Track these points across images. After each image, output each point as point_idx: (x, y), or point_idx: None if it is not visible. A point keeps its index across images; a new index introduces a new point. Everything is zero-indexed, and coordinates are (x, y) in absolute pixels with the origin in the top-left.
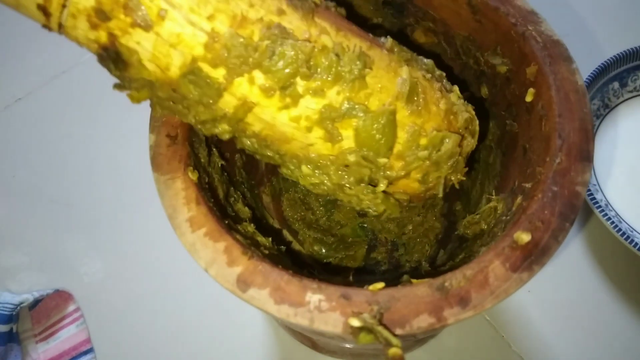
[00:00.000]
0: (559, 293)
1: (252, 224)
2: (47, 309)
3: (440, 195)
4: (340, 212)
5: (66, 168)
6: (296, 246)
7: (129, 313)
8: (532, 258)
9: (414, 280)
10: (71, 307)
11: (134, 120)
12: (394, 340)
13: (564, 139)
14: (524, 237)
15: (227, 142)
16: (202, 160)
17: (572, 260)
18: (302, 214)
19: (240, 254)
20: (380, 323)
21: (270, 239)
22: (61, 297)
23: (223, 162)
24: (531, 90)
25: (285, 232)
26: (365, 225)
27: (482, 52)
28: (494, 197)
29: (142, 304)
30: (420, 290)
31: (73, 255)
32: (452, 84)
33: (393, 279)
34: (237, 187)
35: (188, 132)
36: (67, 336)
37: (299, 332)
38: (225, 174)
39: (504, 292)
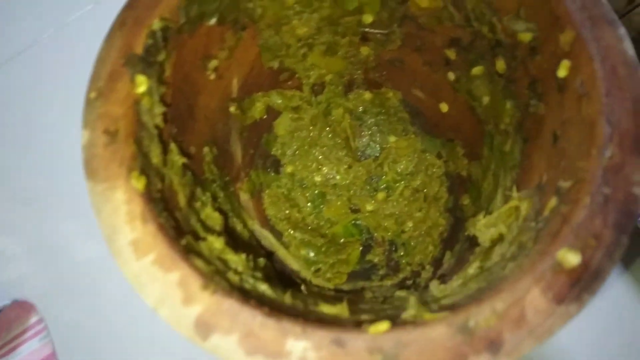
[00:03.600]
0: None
1: (220, 237)
2: (7, 321)
3: None
4: (330, 208)
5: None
6: (280, 251)
7: (99, 323)
8: (581, 284)
9: (426, 316)
10: (33, 319)
11: None
12: None
13: (614, 125)
14: (572, 259)
15: (191, 133)
16: (155, 160)
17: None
18: (287, 212)
19: (199, 288)
20: None
21: (243, 255)
22: (22, 308)
23: (185, 160)
24: (565, 63)
25: (267, 234)
26: (359, 223)
27: (500, 17)
28: (514, 194)
29: (114, 311)
30: (437, 332)
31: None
32: (462, 57)
33: (393, 287)
34: (206, 187)
35: (134, 126)
36: (29, 351)
37: None
38: (189, 173)
39: (547, 332)
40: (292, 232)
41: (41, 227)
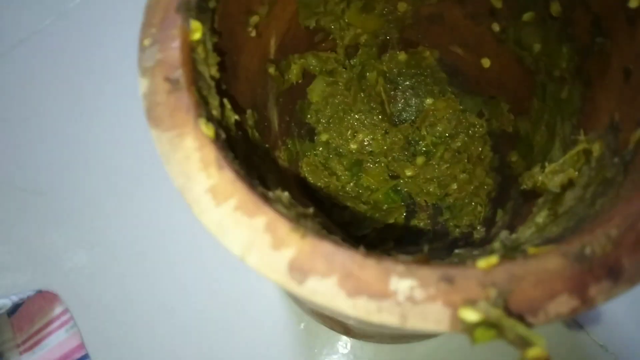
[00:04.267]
0: None
1: (285, 191)
2: (30, 314)
3: None
4: (369, 175)
5: (35, 152)
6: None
7: (125, 311)
8: None
9: (531, 249)
10: (58, 310)
11: (110, 91)
12: (536, 338)
13: None
14: None
15: (235, 94)
16: (214, 112)
17: None
18: (326, 180)
19: (288, 231)
20: (508, 312)
21: (311, 208)
22: (45, 299)
23: (237, 117)
24: None
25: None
26: (399, 189)
27: None
28: (581, 137)
29: (139, 299)
30: (552, 262)
31: (54, 251)
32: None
33: (443, 249)
34: (253, 149)
35: (193, 74)
36: (56, 343)
37: (327, 317)
38: (240, 132)
39: None
40: (333, 199)
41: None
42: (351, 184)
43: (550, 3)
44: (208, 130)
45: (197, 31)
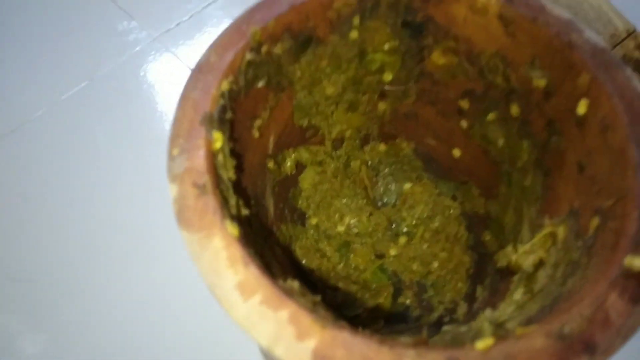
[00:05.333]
0: None
1: (295, 280)
2: None
3: None
4: (356, 255)
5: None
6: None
7: None
8: None
9: (518, 330)
10: None
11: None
12: None
13: None
14: (638, 263)
15: (244, 187)
16: (233, 210)
17: None
18: (318, 262)
19: (310, 322)
20: None
21: (319, 296)
22: None
23: (248, 212)
24: (584, 101)
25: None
26: (385, 267)
27: (514, 68)
28: (547, 221)
29: None
30: (539, 341)
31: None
32: (475, 107)
33: (432, 326)
34: (257, 238)
35: (216, 178)
36: None
37: None
38: (249, 225)
39: (630, 330)
40: (325, 281)
41: None
42: (341, 264)
43: (510, 106)
44: (233, 229)
45: (218, 140)
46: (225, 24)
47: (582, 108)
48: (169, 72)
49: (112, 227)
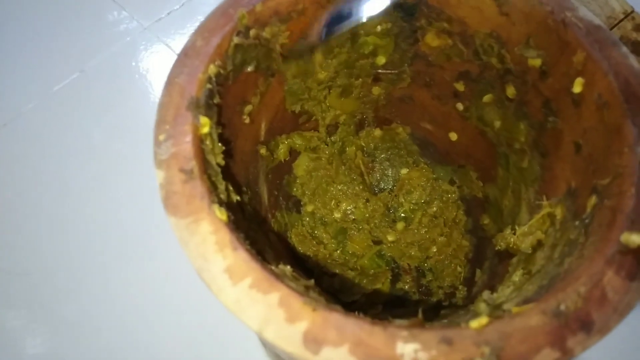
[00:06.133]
0: None
1: (287, 265)
2: None
3: None
4: (353, 241)
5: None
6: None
7: None
8: None
9: (514, 309)
10: None
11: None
12: None
13: (639, 125)
14: (635, 239)
15: (235, 173)
16: (222, 196)
17: None
18: (314, 248)
19: (301, 305)
20: None
21: (312, 280)
22: None
23: (238, 198)
24: (579, 80)
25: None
26: (383, 253)
27: (509, 48)
28: (544, 202)
29: None
30: (534, 319)
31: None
32: (471, 89)
33: (430, 310)
34: (250, 225)
35: (203, 164)
36: None
37: None
38: (239, 210)
39: (627, 307)
40: (322, 267)
41: None
42: (338, 251)
43: (506, 87)
44: (221, 214)
45: (205, 126)
46: None
47: (577, 87)
48: (161, 61)
49: (107, 219)
